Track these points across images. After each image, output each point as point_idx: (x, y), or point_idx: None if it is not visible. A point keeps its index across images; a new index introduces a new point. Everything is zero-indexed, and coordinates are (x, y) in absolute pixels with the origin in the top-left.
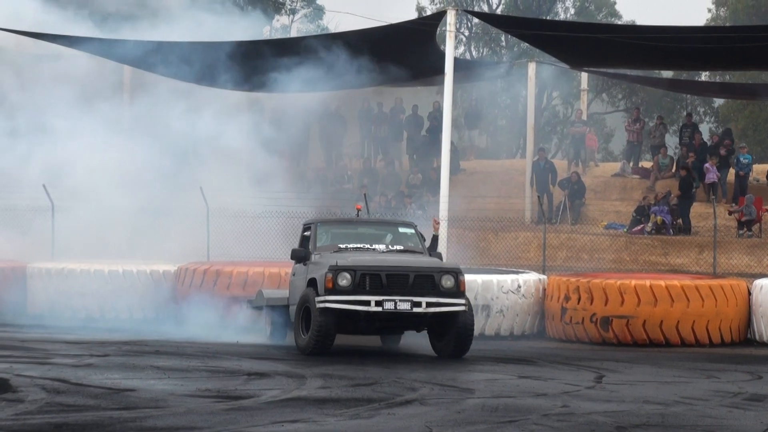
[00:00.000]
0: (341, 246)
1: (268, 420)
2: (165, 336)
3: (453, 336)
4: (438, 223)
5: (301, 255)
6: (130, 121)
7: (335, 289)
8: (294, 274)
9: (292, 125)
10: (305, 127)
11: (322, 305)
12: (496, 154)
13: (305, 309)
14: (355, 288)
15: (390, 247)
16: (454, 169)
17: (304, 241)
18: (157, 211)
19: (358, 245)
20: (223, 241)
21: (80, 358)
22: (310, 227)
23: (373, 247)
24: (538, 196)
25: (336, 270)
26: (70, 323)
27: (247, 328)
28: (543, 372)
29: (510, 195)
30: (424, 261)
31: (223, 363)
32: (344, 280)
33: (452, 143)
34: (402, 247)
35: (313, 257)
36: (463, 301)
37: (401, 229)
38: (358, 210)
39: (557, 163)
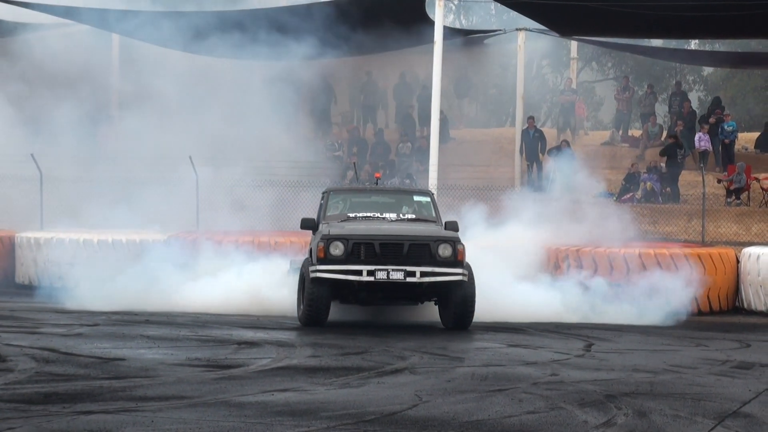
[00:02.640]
0: (350, 215)
1: (258, 389)
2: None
3: (452, 307)
4: None
5: (310, 224)
6: (120, 92)
7: (327, 259)
8: (309, 244)
9: (281, 94)
10: (294, 96)
11: (314, 275)
12: (486, 123)
13: (303, 279)
14: (348, 257)
15: (402, 216)
16: (444, 138)
17: (319, 209)
18: (146, 181)
19: (369, 214)
20: (213, 211)
21: (70, 328)
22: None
23: (384, 216)
24: (528, 164)
25: (328, 239)
26: (59, 293)
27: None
28: (533, 340)
29: (500, 164)
30: (421, 229)
31: (213, 332)
32: (336, 249)
33: (441, 112)
34: (414, 216)
35: (321, 226)
36: (460, 270)
37: (416, 198)
38: (377, 179)
39: (547, 132)
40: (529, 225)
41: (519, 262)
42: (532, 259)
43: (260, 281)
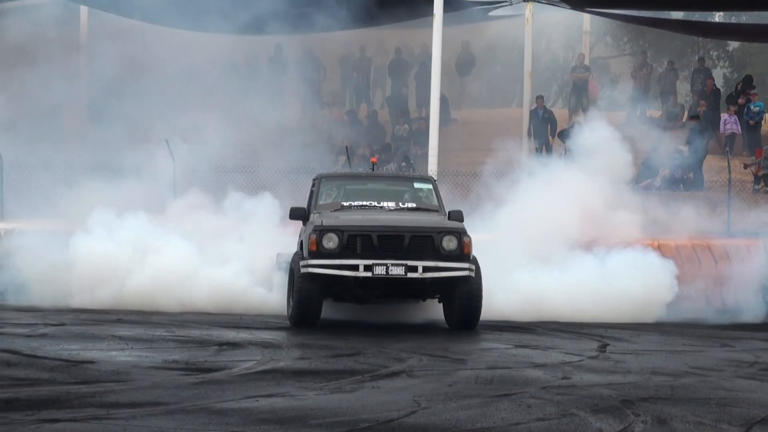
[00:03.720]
0: (345, 204)
1: (242, 394)
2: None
3: (457, 305)
4: None
5: (299, 214)
6: (88, 71)
7: (320, 252)
8: (299, 236)
9: (266, 71)
10: (280, 73)
11: (305, 270)
12: (491, 103)
13: (292, 275)
14: (343, 251)
15: (401, 205)
16: (444, 120)
17: (310, 197)
18: (119, 167)
19: (365, 203)
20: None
21: (34, 327)
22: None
23: (381, 205)
24: (536, 148)
25: (321, 231)
26: (22, 288)
27: None
28: (542, 340)
29: (506, 147)
30: (423, 220)
31: (192, 332)
32: (330, 241)
33: (441, 92)
34: (415, 205)
35: (312, 216)
36: (466, 265)
37: (417, 185)
38: (374, 164)
39: (557, 112)
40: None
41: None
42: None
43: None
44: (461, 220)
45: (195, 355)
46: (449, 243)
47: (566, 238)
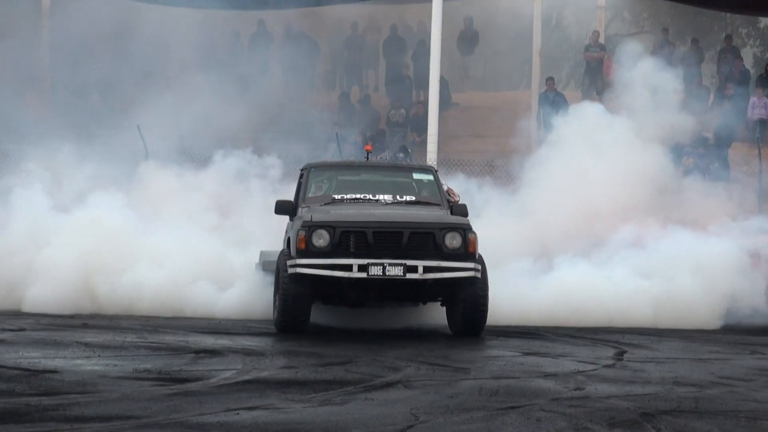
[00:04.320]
0: (336, 197)
1: (221, 407)
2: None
3: (460, 309)
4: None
5: (285, 208)
6: (50, 50)
7: (309, 251)
8: (286, 232)
9: (248, 49)
10: (264, 52)
11: (293, 270)
12: (496, 85)
13: (279, 275)
14: (334, 249)
15: (399, 198)
16: (445, 104)
17: (298, 190)
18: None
19: (359, 196)
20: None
21: None
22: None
23: (377, 198)
24: (547, 135)
25: (310, 227)
26: None
27: None
28: (552, 347)
29: (513, 134)
30: (424, 215)
31: (166, 338)
32: (320, 239)
33: (441, 74)
34: (414, 198)
35: (301, 211)
36: (472, 265)
37: (416, 175)
38: (368, 152)
39: (569, 95)
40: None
41: None
42: None
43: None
44: (465, 214)
45: (169, 364)
46: (453, 240)
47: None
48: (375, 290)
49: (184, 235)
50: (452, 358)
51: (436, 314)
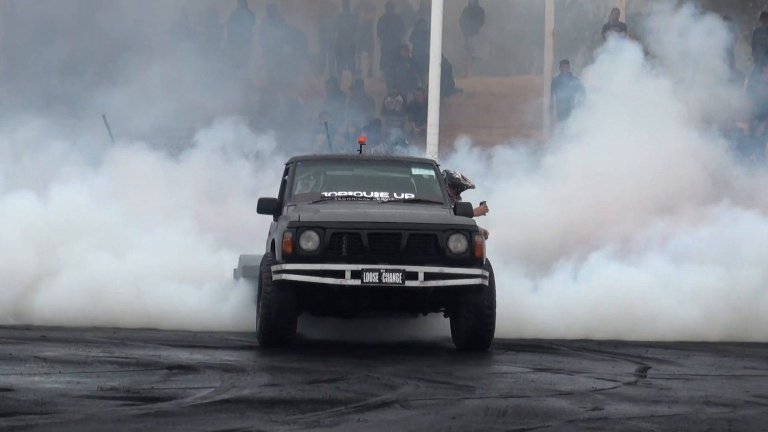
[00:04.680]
0: (326, 194)
1: (196, 429)
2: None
3: (464, 321)
4: (485, 209)
5: (269, 207)
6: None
7: (296, 254)
8: (269, 234)
9: (227, 30)
10: (245, 33)
11: (278, 276)
12: (504, 70)
13: (261, 282)
14: (325, 253)
15: (397, 195)
16: (447, 90)
17: (283, 186)
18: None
19: (351, 193)
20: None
21: None
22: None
23: (372, 195)
24: (560, 123)
25: (298, 228)
26: None
27: None
28: (567, 362)
29: (523, 123)
30: (425, 215)
31: (135, 352)
32: (309, 241)
33: (443, 56)
34: (413, 196)
35: (287, 210)
36: (478, 271)
37: (416, 170)
38: (361, 144)
39: (586, 81)
40: None
41: None
42: None
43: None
44: (470, 214)
45: (138, 381)
46: (457, 244)
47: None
48: (370, 299)
49: (154, 231)
50: (455, 374)
51: (438, 325)
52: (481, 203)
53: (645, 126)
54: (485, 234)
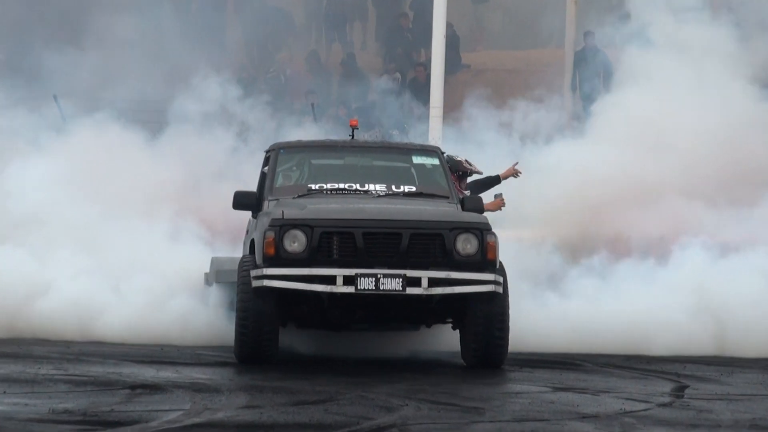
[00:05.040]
0: (313, 187)
1: None
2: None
3: (473, 334)
4: (501, 203)
5: (247, 201)
6: None
7: (279, 257)
8: (247, 233)
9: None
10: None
11: (257, 283)
12: (518, 43)
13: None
14: (313, 255)
15: (395, 188)
16: (453, 66)
17: (262, 179)
18: None
19: (342, 185)
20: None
21: None
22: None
23: (366, 188)
24: (583, 104)
25: (281, 226)
26: None
27: None
28: (591, 381)
29: (540, 103)
30: (429, 211)
31: (93, 369)
32: (295, 242)
33: (449, 26)
34: (414, 189)
35: (268, 205)
36: (491, 276)
37: (417, 159)
38: (353, 128)
39: (612, 55)
40: None
41: None
42: None
43: None
44: (480, 210)
45: (96, 403)
46: (466, 245)
47: None
48: (365, 309)
49: (111, 224)
50: (462, 394)
51: (444, 337)
52: (496, 196)
53: (705, 86)
54: (501, 205)
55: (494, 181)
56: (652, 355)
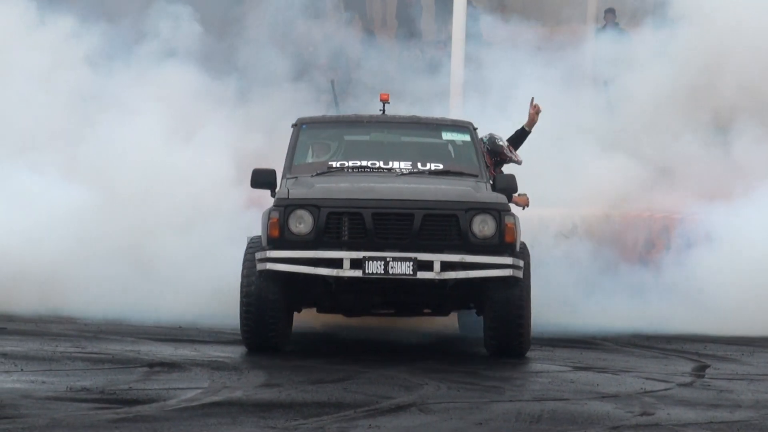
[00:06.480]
0: (334, 165)
1: None
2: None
3: (489, 320)
4: (537, 110)
5: (264, 180)
6: None
7: (284, 239)
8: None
9: None
10: None
11: (262, 266)
12: (540, 18)
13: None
14: (320, 237)
15: (421, 166)
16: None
17: (288, 154)
18: None
19: (366, 163)
20: None
21: None
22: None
23: (390, 166)
24: (605, 83)
25: (287, 207)
26: None
27: None
28: (612, 360)
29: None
30: (445, 190)
31: (111, 347)
32: (300, 223)
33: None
34: (441, 166)
35: (284, 183)
36: (509, 260)
37: (447, 134)
38: (384, 102)
39: (635, 34)
40: None
41: None
42: None
43: None
44: (514, 189)
45: (114, 381)
46: (483, 226)
47: None
48: (375, 294)
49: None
50: (482, 374)
51: (465, 317)
52: (520, 195)
53: None
54: (525, 203)
55: (522, 134)
56: (672, 335)
